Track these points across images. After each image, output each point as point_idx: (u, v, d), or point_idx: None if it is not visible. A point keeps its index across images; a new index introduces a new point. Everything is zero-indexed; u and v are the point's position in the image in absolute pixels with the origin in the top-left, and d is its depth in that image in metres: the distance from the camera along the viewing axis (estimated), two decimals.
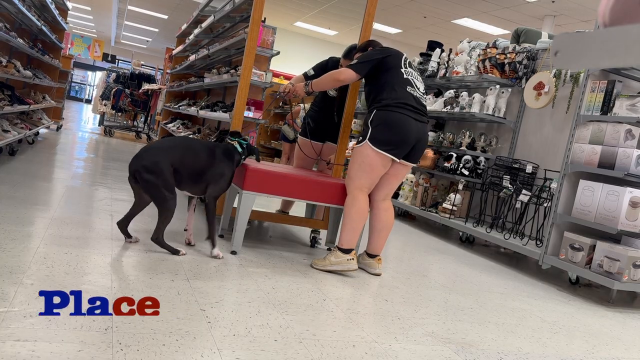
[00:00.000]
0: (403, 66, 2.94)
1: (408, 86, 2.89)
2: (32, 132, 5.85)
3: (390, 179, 2.99)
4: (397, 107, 2.83)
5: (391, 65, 2.93)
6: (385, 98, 2.86)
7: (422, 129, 2.92)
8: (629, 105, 3.36)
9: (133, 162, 2.62)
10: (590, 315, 2.97)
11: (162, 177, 2.59)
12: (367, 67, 2.93)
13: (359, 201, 2.90)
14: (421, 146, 2.96)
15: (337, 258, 2.88)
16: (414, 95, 2.89)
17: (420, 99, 2.94)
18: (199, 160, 2.75)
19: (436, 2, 10.37)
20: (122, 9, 17.10)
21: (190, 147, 2.80)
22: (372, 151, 2.84)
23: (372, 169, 2.88)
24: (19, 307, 1.71)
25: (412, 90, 2.89)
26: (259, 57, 4.08)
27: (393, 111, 2.83)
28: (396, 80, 2.89)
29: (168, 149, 2.70)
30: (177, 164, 2.65)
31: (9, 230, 2.56)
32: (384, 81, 2.90)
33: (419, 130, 2.89)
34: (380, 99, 2.88)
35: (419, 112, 2.89)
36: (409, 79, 2.92)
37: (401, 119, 2.82)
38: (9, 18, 6.33)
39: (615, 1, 0.70)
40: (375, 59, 2.93)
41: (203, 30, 6.48)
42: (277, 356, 1.70)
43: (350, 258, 2.88)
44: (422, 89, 2.98)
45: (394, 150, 2.85)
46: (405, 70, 2.94)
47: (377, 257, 3.03)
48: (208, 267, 2.55)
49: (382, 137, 2.83)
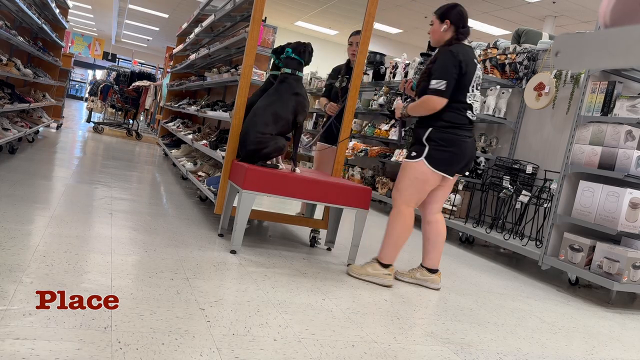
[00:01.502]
0: (471, 89, 2.82)
1: (469, 111, 2.83)
2: (32, 131, 5.85)
3: (445, 191, 2.98)
4: (455, 129, 2.80)
5: (462, 86, 2.79)
6: (445, 120, 2.79)
7: (473, 145, 2.91)
8: (629, 106, 3.36)
9: None
10: (590, 316, 2.97)
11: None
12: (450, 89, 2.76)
13: (404, 216, 2.86)
14: (472, 162, 2.98)
15: (375, 270, 2.85)
16: (471, 119, 2.86)
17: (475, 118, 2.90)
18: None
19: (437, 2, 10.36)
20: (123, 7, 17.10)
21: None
22: (427, 169, 2.80)
23: (424, 187, 2.85)
24: (18, 305, 1.71)
25: (471, 115, 2.85)
26: (260, 56, 4.08)
27: (451, 133, 2.80)
28: (460, 105, 2.81)
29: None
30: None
31: (9, 229, 2.56)
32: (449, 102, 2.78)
33: (472, 148, 2.89)
34: (440, 118, 2.80)
35: (471, 129, 2.89)
36: (472, 104, 2.84)
37: (458, 140, 2.80)
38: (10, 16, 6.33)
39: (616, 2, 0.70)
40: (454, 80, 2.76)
41: (203, 29, 6.48)
42: (276, 355, 1.70)
43: (388, 273, 2.85)
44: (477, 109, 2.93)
45: (450, 169, 2.83)
46: (470, 94, 2.82)
47: (438, 272, 2.99)
48: (207, 267, 2.55)
49: (440, 157, 2.79)
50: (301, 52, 3.21)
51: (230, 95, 6.16)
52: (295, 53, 3.20)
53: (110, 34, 24.32)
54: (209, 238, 3.14)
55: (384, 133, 6.28)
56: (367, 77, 6.97)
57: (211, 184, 3.79)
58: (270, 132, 3.08)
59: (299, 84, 3.18)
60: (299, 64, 3.20)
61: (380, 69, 6.88)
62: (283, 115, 3.10)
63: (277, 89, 3.16)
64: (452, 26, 2.82)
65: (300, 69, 3.21)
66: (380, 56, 7.18)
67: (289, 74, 3.18)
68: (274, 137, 3.08)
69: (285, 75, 3.18)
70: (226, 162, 3.31)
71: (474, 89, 2.83)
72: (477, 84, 2.85)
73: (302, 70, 3.23)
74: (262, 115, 3.09)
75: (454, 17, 2.82)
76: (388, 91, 6.43)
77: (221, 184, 3.32)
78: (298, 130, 3.21)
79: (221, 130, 4.92)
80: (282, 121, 3.10)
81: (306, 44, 3.25)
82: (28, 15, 5.58)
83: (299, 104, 3.14)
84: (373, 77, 6.92)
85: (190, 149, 5.94)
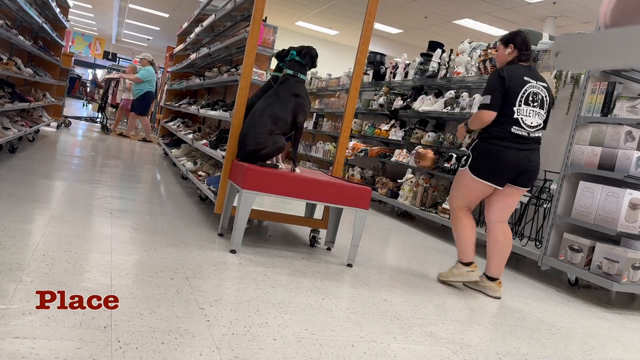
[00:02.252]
0: (517, 103, 2.92)
1: (514, 125, 2.92)
2: (32, 130, 5.85)
3: (504, 201, 3.07)
4: (496, 139, 2.95)
5: (507, 101, 2.93)
6: (489, 132, 2.97)
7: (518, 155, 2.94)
8: (629, 107, 3.36)
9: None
10: (589, 317, 2.97)
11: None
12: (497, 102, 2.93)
13: (458, 217, 3.12)
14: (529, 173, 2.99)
15: (459, 270, 3.09)
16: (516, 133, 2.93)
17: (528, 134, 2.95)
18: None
19: (437, 2, 10.37)
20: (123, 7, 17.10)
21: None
22: (470, 177, 3.02)
23: (470, 193, 3.07)
24: (18, 304, 1.71)
25: (518, 130, 2.92)
26: (260, 56, 4.08)
27: (490, 143, 2.96)
28: (505, 119, 2.93)
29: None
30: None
31: (9, 228, 2.56)
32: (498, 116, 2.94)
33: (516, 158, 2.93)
34: (485, 130, 2.99)
35: (523, 141, 2.94)
36: (518, 118, 2.92)
37: (496, 150, 2.94)
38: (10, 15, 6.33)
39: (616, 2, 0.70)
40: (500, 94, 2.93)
41: (204, 29, 6.48)
42: (275, 355, 1.70)
43: (471, 270, 3.07)
44: (534, 123, 2.96)
45: (492, 177, 2.97)
46: (518, 108, 2.93)
47: (497, 281, 3.07)
48: (207, 266, 2.55)
49: (480, 165, 2.99)
50: (305, 55, 3.22)
51: (231, 95, 6.16)
52: (300, 56, 3.21)
53: (111, 34, 24.33)
54: (209, 237, 3.15)
55: (384, 133, 6.28)
56: (367, 77, 6.98)
57: (211, 184, 3.79)
58: (269, 132, 3.08)
59: (300, 85, 3.18)
60: (301, 67, 3.21)
61: (381, 69, 6.88)
62: (282, 116, 3.11)
63: (276, 90, 3.17)
64: (515, 50, 3.03)
65: (302, 71, 3.21)
66: (380, 56, 7.18)
67: (291, 75, 3.18)
68: (273, 137, 3.08)
69: (286, 76, 3.19)
70: (226, 162, 3.31)
71: (521, 104, 2.92)
72: (530, 99, 2.94)
73: (304, 73, 3.23)
74: (261, 116, 3.09)
75: (518, 42, 3.03)
76: (388, 91, 6.43)
77: (221, 184, 3.32)
78: (298, 130, 3.21)
79: (221, 129, 4.92)
80: (280, 122, 3.11)
81: (310, 48, 3.26)
82: (29, 14, 5.58)
83: (298, 104, 3.14)
84: (373, 77, 6.92)
85: (190, 148, 5.94)
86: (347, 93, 3.52)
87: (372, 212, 5.75)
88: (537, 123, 2.97)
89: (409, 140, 5.75)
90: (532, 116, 2.95)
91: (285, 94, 3.14)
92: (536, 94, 2.96)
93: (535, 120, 2.96)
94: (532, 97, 2.94)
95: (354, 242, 3.09)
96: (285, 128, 3.15)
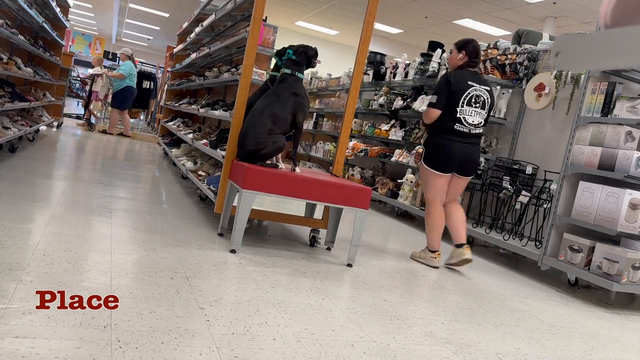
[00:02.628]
0: (461, 104, 3.39)
1: (457, 123, 3.41)
2: (32, 129, 5.85)
3: (454, 188, 3.61)
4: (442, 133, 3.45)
5: (452, 101, 3.40)
6: (435, 126, 3.48)
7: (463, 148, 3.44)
8: (630, 107, 3.36)
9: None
10: (589, 317, 2.97)
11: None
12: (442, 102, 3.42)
13: (430, 211, 3.58)
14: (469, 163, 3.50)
15: (425, 254, 3.58)
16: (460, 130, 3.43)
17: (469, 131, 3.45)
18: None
19: (437, 2, 10.37)
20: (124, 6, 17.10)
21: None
22: (427, 170, 3.53)
23: (433, 184, 3.54)
24: (18, 303, 1.71)
25: (460, 127, 3.42)
26: (260, 56, 4.08)
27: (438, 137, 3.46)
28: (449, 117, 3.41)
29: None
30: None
31: (9, 227, 2.56)
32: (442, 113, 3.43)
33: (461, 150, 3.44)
34: (433, 125, 3.50)
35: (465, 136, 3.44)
36: (461, 117, 3.41)
37: (443, 143, 3.44)
38: (10, 15, 6.33)
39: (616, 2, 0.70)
40: (445, 95, 3.41)
41: (204, 29, 6.48)
42: (275, 355, 1.70)
43: (433, 257, 3.54)
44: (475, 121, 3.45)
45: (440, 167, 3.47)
46: (461, 109, 3.40)
47: (464, 246, 3.47)
48: (207, 266, 2.55)
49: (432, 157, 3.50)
50: (300, 53, 3.22)
51: (231, 94, 6.16)
52: (296, 55, 3.21)
53: (111, 33, 24.33)
54: (209, 237, 3.15)
55: (384, 133, 6.28)
56: (367, 77, 6.97)
57: (211, 183, 3.79)
58: (268, 132, 3.08)
59: (298, 84, 3.18)
60: (298, 65, 3.21)
61: (381, 69, 6.88)
62: (281, 116, 3.11)
63: (275, 90, 3.17)
64: (465, 56, 3.50)
65: (300, 70, 3.21)
66: (380, 56, 7.18)
67: (289, 75, 3.18)
68: (272, 137, 3.08)
69: (284, 75, 3.19)
70: (226, 162, 3.31)
71: (464, 105, 3.40)
72: (473, 101, 3.42)
73: (302, 71, 3.23)
74: (260, 116, 3.09)
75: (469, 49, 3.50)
76: (388, 91, 6.43)
77: (221, 184, 3.32)
78: (298, 130, 3.21)
79: (221, 129, 4.93)
80: (280, 121, 3.11)
81: (307, 47, 3.26)
82: (29, 14, 5.58)
83: (298, 103, 3.14)
84: (373, 77, 6.92)
85: (190, 148, 5.94)
86: (347, 93, 3.52)
87: (372, 212, 5.75)
88: (478, 121, 3.47)
89: (409, 140, 5.75)
90: (474, 115, 3.44)
91: (284, 93, 3.14)
92: (479, 96, 3.44)
93: (476, 119, 3.46)
94: (474, 100, 3.43)
95: (354, 242, 3.09)
96: (285, 127, 3.15)
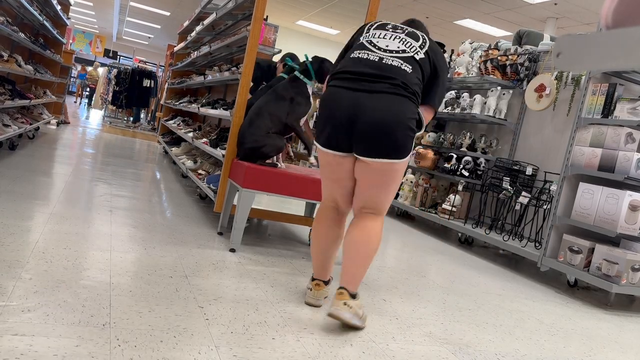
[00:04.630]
0: (364, 37, 2.12)
1: (357, 50, 2.06)
2: (32, 127, 5.85)
3: (357, 182, 2.11)
4: (331, 81, 2.08)
5: (350, 44, 2.24)
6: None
7: (361, 99, 1.93)
8: (630, 109, 3.36)
9: None
10: (588, 318, 2.97)
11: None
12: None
13: (315, 217, 2.28)
14: (366, 126, 1.91)
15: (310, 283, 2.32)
16: (361, 57, 2.01)
17: (379, 59, 2.00)
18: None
19: (438, 2, 10.37)
20: (124, 5, 17.09)
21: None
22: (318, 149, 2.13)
23: (323, 171, 2.17)
24: (17, 301, 1.71)
25: (361, 53, 2.03)
26: (261, 55, 4.08)
27: (327, 87, 2.09)
28: (347, 55, 2.13)
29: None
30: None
31: (8, 225, 2.56)
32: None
33: (355, 103, 1.93)
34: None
35: (360, 78, 1.96)
36: (364, 42, 2.07)
37: (329, 94, 2.01)
38: (11, 12, 6.33)
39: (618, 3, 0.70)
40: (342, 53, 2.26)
41: (205, 28, 6.47)
42: (274, 354, 1.70)
43: (309, 287, 2.29)
44: (391, 46, 2.04)
45: (321, 136, 2.04)
46: (364, 38, 2.11)
47: (337, 289, 2.05)
48: (206, 265, 2.55)
49: (316, 125, 2.07)
50: (317, 62, 3.19)
51: (231, 93, 6.16)
52: (312, 60, 3.21)
53: (112, 32, 24.32)
54: (209, 236, 3.15)
55: None
56: None
57: (211, 182, 3.79)
58: (267, 131, 3.08)
59: (297, 83, 3.17)
60: (307, 72, 3.18)
61: None
62: (280, 115, 3.11)
63: (274, 90, 3.17)
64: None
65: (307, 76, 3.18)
66: None
67: (295, 77, 3.16)
68: (271, 136, 3.08)
69: (281, 77, 3.20)
70: (226, 161, 3.31)
71: (368, 34, 2.09)
72: (383, 28, 2.11)
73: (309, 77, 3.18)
74: (259, 115, 3.09)
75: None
76: None
77: (221, 182, 3.32)
78: (293, 129, 3.18)
79: (221, 128, 4.92)
80: (276, 121, 3.11)
81: (326, 60, 3.22)
82: (29, 11, 5.57)
83: (297, 103, 3.14)
84: None
85: (190, 147, 5.94)
86: None
87: None
88: (397, 47, 2.03)
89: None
90: (388, 39, 2.06)
91: (284, 92, 3.14)
92: (395, 27, 2.14)
93: (394, 44, 2.04)
94: (384, 27, 2.14)
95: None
96: (280, 127, 3.15)
